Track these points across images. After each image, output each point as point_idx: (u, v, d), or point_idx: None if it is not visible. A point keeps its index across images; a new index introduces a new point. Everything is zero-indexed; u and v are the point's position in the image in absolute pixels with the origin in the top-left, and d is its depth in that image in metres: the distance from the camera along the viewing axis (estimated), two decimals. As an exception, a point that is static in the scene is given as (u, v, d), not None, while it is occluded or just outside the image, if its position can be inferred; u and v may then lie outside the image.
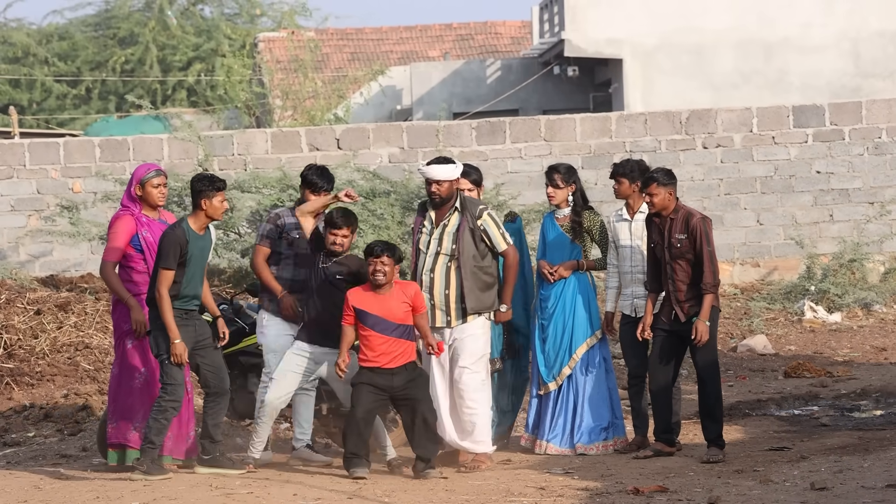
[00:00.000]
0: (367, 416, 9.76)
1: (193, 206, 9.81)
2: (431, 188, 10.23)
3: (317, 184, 10.31)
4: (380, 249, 9.74)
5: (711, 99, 26.78)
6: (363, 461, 9.78)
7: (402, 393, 9.79)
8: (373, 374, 9.76)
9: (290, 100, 29.99)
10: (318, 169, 10.44)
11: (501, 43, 41.20)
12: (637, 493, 9.08)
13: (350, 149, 19.10)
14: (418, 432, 9.80)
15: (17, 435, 12.32)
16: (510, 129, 19.53)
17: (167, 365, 9.66)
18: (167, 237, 9.63)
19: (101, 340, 14.63)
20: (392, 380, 9.75)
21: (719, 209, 19.18)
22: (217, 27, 44.83)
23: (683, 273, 10.21)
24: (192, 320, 9.73)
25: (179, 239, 9.60)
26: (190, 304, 9.74)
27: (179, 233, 9.63)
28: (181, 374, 9.69)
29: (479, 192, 10.77)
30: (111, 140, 19.50)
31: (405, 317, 9.77)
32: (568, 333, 10.71)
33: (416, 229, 10.34)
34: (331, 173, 10.46)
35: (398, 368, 9.75)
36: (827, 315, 17.77)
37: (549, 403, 10.71)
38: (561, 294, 10.73)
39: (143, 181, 10.13)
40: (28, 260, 19.15)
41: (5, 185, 19.14)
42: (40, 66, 45.15)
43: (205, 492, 9.21)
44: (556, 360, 10.72)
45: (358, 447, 9.75)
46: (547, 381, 10.72)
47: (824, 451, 10.36)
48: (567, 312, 10.72)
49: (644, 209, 10.58)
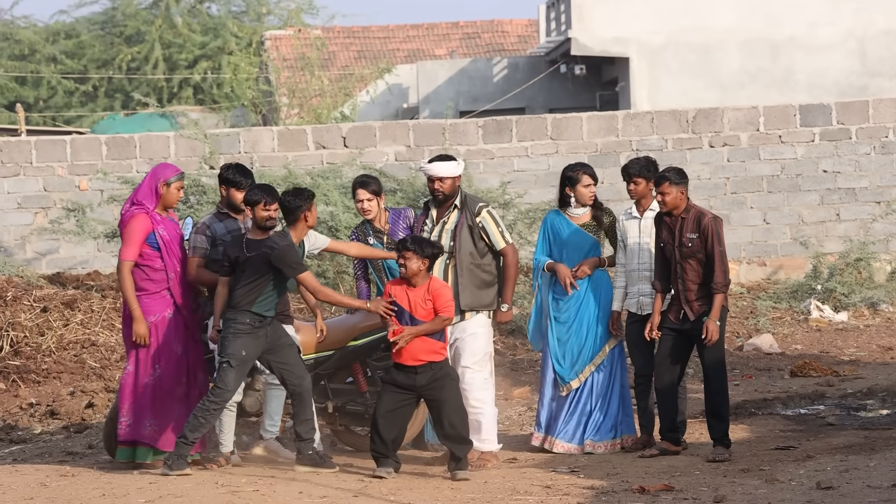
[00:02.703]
0: (387, 416, 9.72)
1: (291, 221, 9.86)
2: (434, 185, 10.25)
3: (239, 182, 10.29)
4: (404, 244, 9.76)
5: (718, 98, 26.77)
6: (389, 461, 9.77)
7: (428, 393, 9.76)
8: (398, 371, 9.76)
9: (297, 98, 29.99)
10: (237, 167, 10.40)
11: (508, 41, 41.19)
12: (643, 491, 9.08)
13: (356, 147, 19.10)
14: (445, 434, 9.79)
15: (23, 432, 12.35)
16: (517, 127, 19.52)
17: (224, 369, 9.70)
18: (285, 250, 9.66)
19: (108, 338, 14.65)
20: (415, 379, 9.71)
21: (726, 208, 19.16)
22: (224, 25, 44.85)
23: (693, 272, 10.20)
24: (264, 328, 9.76)
25: (294, 247, 9.75)
26: (270, 311, 9.80)
27: (291, 243, 9.74)
28: (234, 382, 9.73)
29: (379, 202, 10.67)
30: (118, 138, 19.51)
31: (428, 314, 9.76)
32: (593, 331, 10.66)
33: (419, 228, 10.35)
34: (248, 169, 10.44)
35: (422, 367, 9.71)
36: (833, 314, 17.76)
37: (566, 401, 10.69)
38: (585, 292, 10.68)
39: (168, 182, 10.19)
40: (34, 257, 19.17)
41: (12, 182, 19.15)
42: (47, 63, 45.20)
43: (210, 489, 9.22)
44: (580, 358, 10.67)
45: (380, 447, 9.75)
46: (569, 379, 10.68)
47: (830, 450, 10.35)
48: (592, 310, 10.67)
49: (654, 207, 10.55)
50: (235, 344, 9.70)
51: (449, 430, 9.75)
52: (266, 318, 9.78)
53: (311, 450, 9.90)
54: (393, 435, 9.78)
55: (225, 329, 9.77)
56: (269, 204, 9.85)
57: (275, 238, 9.77)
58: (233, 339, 9.70)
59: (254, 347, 9.74)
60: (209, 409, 9.75)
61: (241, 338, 9.70)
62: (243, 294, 9.75)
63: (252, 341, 9.72)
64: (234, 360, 9.69)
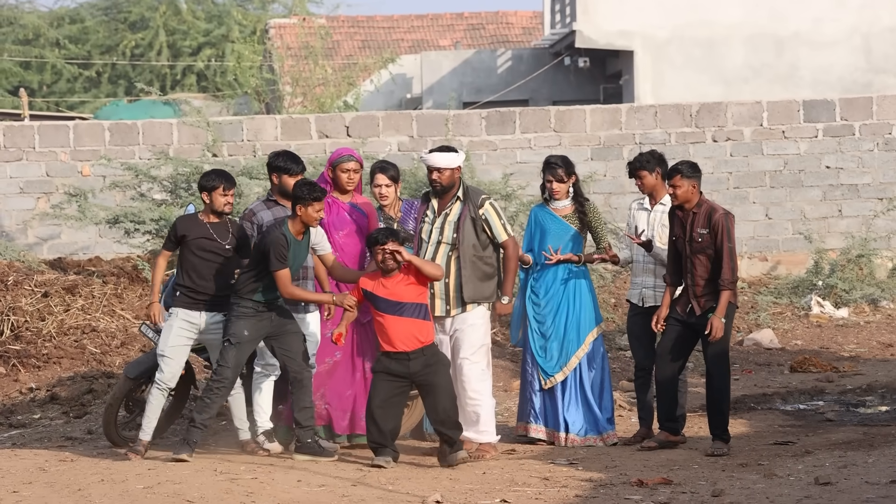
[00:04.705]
0: (383, 406, 9.75)
1: (293, 211, 9.84)
2: (433, 176, 10.24)
3: (290, 169, 10.31)
4: (384, 237, 9.75)
5: (722, 92, 26.75)
6: (387, 450, 9.79)
7: (422, 379, 9.78)
8: (389, 360, 9.77)
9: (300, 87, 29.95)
10: (287, 154, 10.44)
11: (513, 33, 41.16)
12: (641, 484, 9.08)
13: (359, 136, 19.09)
14: (439, 418, 9.81)
15: (22, 416, 12.35)
16: (520, 119, 19.51)
17: (226, 347, 9.82)
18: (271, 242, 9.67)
19: (108, 324, 14.65)
20: (409, 365, 9.74)
21: (728, 203, 19.14)
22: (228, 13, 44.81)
23: (703, 268, 10.20)
24: (267, 313, 9.83)
25: (281, 241, 9.70)
26: (274, 297, 9.85)
27: (280, 236, 9.71)
28: (235, 360, 9.81)
29: (396, 189, 10.70)
30: (121, 124, 19.50)
31: (417, 296, 9.77)
32: (574, 323, 10.69)
33: (419, 218, 10.35)
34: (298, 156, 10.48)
35: (414, 353, 9.73)
36: (834, 310, 17.75)
37: (558, 395, 10.70)
38: (564, 285, 10.71)
39: (334, 164, 10.35)
40: (36, 242, 19.16)
41: (15, 167, 19.15)
42: (51, 48, 45.17)
43: (209, 476, 9.23)
44: (563, 351, 10.70)
45: (378, 437, 9.76)
46: (553, 373, 10.70)
47: (829, 446, 10.35)
48: (571, 302, 10.71)
49: (665, 201, 10.58)
50: (238, 325, 9.82)
51: (443, 414, 9.78)
52: (270, 303, 9.82)
53: (309, 437, 9.92)
54: (391, 425, 9.79)
55: (230, 312, 9.90)
56: (227, 189, 10.00)
57: (272, 227, 9.83)
58: (236, 321, 9.83)
59: (256, 329, 9.85)
60: (213, 389, 9.84)
61: (244, 320, 9.83)
62: (245, 282, 9.85)
63: (255, 323, 9.84)
64: (234, 338, 9.81)
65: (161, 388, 10.05)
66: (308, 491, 8.93)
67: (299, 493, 8.87)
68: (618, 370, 14.18)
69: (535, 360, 10.72)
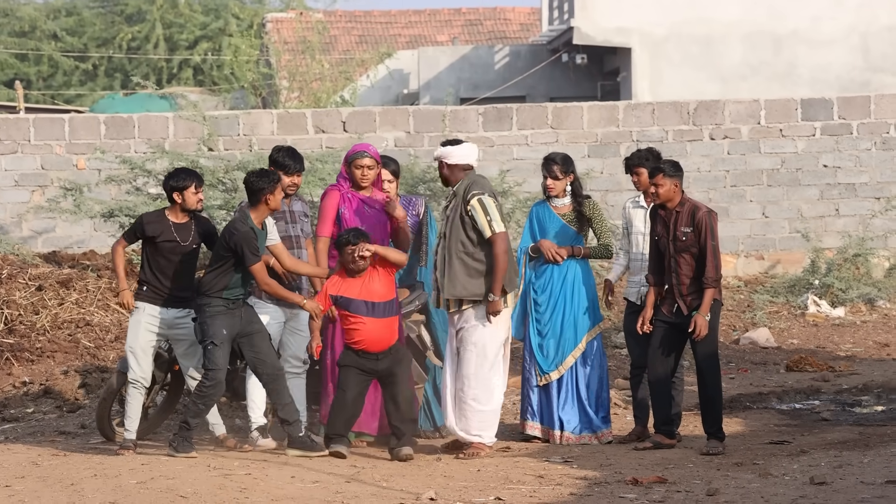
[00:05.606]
0: (357, 399, 9.90)
1: (254, 202, 9.80)
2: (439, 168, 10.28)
3: (289, 166, 10.26)
4: (355, 237, 9.77)
5: (719, 90, 26.71)
6: (344, 439, 9.89)
7: (385, 373, 9.93)
8: (358, 356, 9.85)
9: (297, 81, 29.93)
10: (288, 150, 10.40)
11: (510, 29, 41.15)
12: (636, 483, 9.05)
13: (356, 132, 19.05)
14: (399, 413, 9.93)
15: (15, 410, 12.31)
16: (517, 115, 19.47)
17: (209, 350, 9.74)
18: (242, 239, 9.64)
19: (102, 318, 14.61)
20: (377, 364, 9.88)
21: (725, 201, 19.12)
22: (225, 6, 44.79)
23: (687, 266, 10.16)
24: (238, 309, 9.81)
25: (251, 235, 9.69)
26: (241, 294, 9.84)
27: (248, 230, 9.69)
28: (223, 360, 9.76)
29: (396, 184, 10.68)
30: (116, 117, 19.45)
31: (388, 292, 9.84)
32: (571, 322, 10.66)
33: (442, 213, 10.37)
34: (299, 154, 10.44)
35: (383, 353, 9.84)
36: (830, 309, 17.73)
37: (553, 393, 10.67)
38: (562, 281, 10.68)
39: (349, 160, 10.35)
40: (31, 235, 19.12)
41: (9, 159, 19.09)
42: (48, 40, 45.10)
43: (203, 472, 9.20)
44: (559, 349, 10.66)
45: (341, 429, 9.87)
46: (548, 370, 10.67)
47: (824, 445, 10.33)
48: (569, 300, 10.68)
49: None
50: (215, 325, 9.75)
51: (404, 407, 9.89)
52: (238, 299, 9.82)
53: (300, 432, 9.89)
54: (357, 416, 9.97)
55: (200, 315, 9.81)
56: (198, 187, 10.06)
57: (236, 223, 9.77)
58: (211, 322, 9.76)
59: (231, 326, 9.81)
60: (205, 392, 9.78)
61: (219, 318, 9.77)
62: (212, 280, 9.79)
63: (229, 320, 9.80)
64: (216, 339, 9.76)
65: (136, 386, 10.04)
66: (302, 487, 8.90)
67: (293, 489, 8.85)
68: (613, 368, 14.15)
69: (533, 356, 10.70)
